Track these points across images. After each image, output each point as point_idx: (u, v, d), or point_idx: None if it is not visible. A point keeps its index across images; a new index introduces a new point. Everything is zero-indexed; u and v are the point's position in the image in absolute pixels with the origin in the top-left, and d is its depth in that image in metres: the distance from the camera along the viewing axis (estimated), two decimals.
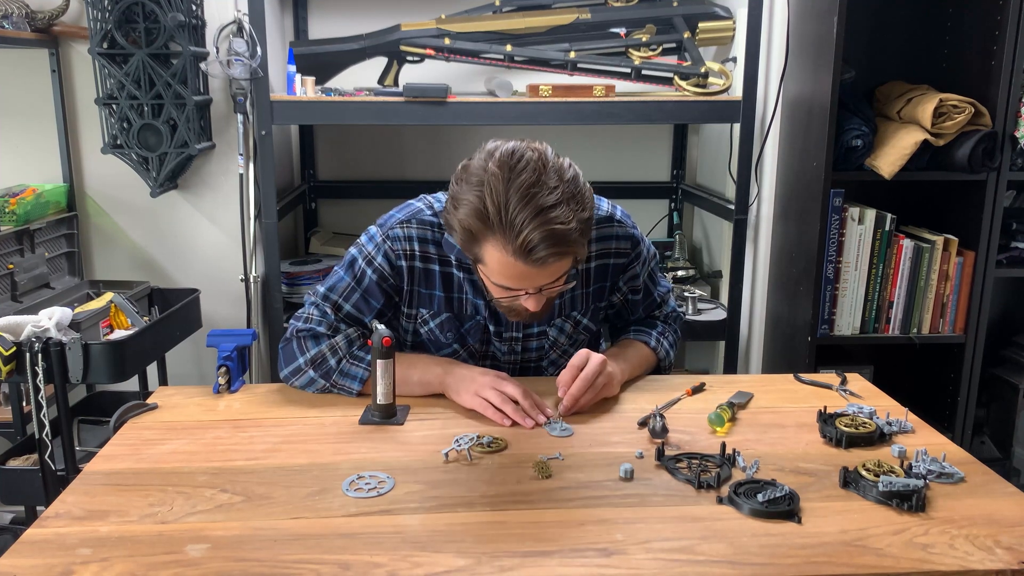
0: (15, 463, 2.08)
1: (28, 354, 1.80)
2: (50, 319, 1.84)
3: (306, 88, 2.24)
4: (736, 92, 2.29)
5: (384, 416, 1.35)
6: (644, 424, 1.33)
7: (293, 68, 2.25)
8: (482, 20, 2.33)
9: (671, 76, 2.34)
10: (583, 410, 1.39)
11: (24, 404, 2.12)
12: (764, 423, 1.36)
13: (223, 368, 1.47)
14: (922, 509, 1.07)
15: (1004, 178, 2.24)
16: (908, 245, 2.30)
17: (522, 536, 1.01)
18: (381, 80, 2.38)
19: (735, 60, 2.38)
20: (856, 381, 1.55)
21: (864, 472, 1.13)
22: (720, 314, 2.49)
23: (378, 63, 2.38)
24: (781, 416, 1.39)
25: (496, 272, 1.29)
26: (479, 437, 1.27)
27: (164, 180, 2.38)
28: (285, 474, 1.17)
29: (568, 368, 1.39)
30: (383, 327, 1.33)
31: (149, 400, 1.44)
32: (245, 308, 2.45)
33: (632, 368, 1.53)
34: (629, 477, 1.16)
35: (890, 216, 2.29)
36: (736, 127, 2.34)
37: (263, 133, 2.19)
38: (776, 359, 2.60)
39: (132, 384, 2.31)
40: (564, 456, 1.23)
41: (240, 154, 2.38)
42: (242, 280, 2.45)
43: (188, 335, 2.28)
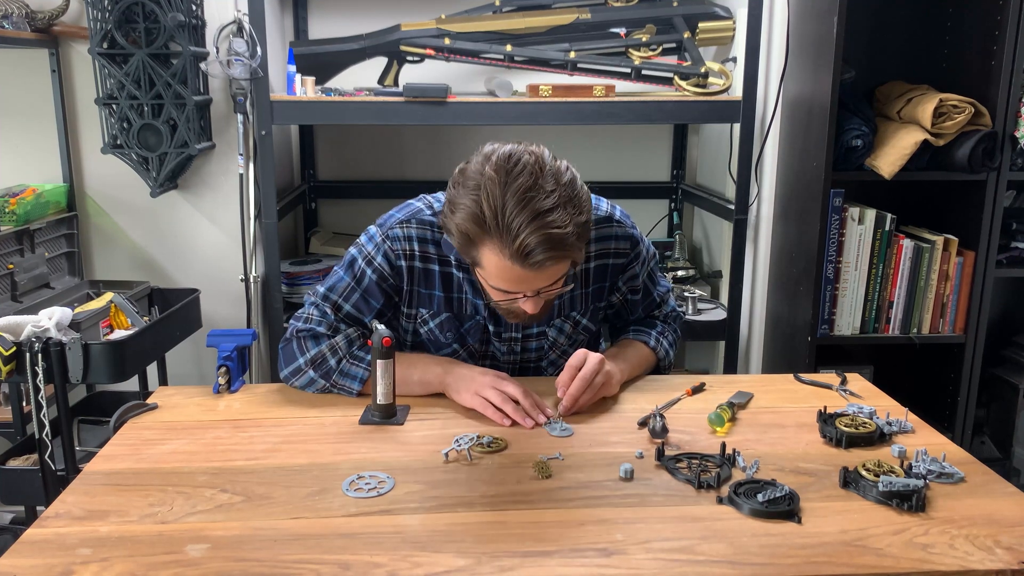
0: (15, 463, 2.08)
1: (28, 354, 1.80)
2: (50, 319, 1.84)
3: (306, 88, 2.24)
4: (736, 92, 2.29)
5: (384, 416, 1.35)
6: (644, 424, 1.33)
7: (293, 68, 2.25)
8: (482, 20, 2.33)
9: (671, 76, 2.34)
10: (582, 410, 1.39)
11: (24, 404, 2.12)
12: (764, 423, 1.36)
13: (223, 368, 1.47)
14: (922, 509, 1.07)
15: (1004, 178, 2.24)
16: (908, 245, 2.30)
17: (522, 536, 1.01)
18: (381, 80, 2.38)
19: (735, 60, 2.38)
20: (856, 381, 1.55)
21: (864, 472, 1.13)
22: (720, 314, 2.49)
23: (378, 63, 2.38)
24: (781, 416, 1.39)
25: (494, 276, 1.30)
26: (479, 437, 1.27)
27: (164, 180, 2.38)
28: (285, 474, 1.17)
29: (566, 368, 1.39)
30: (383, 327, 1.33)
31: (149, 400, 1.44)
32: (245, 308, 2.45)
33: (631, 368, 1.53)
34: (629, 477, 1.16)
35: (890, 216, 2.29)
36: (736, 127, 2.34)
37: (263, 133, 2.19)
38: (776, 359, 2.60)
39: (132, 384, 2.31)
40: (564, 456, 1.23)
41: (240, 154, 2.38)
42: (242, 280, 2.45)
43: (188, 335, 2.28)
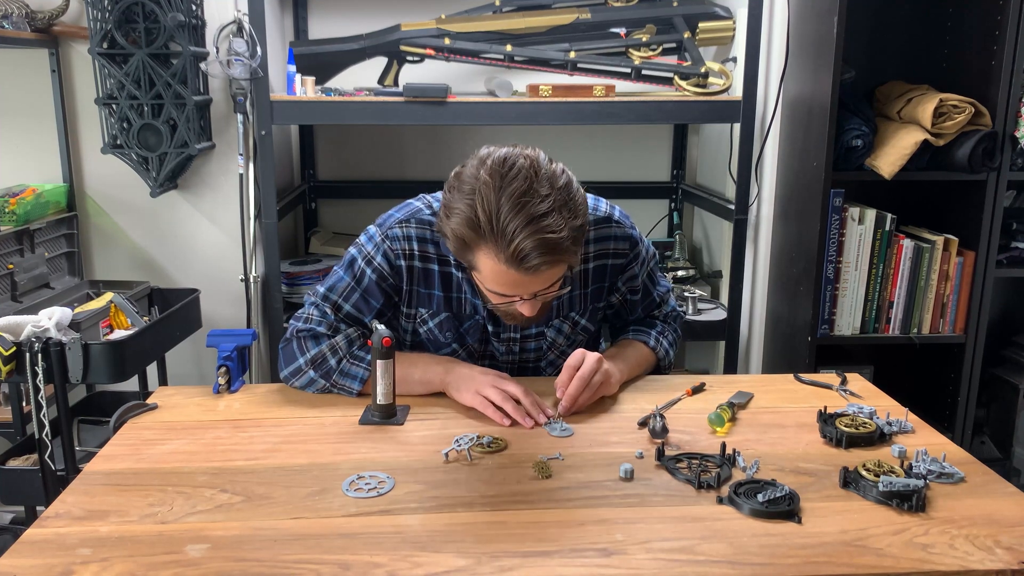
0: (15, 463, 2.08)
1: (28, 354, 1.80)
2: (50, 319, 1.84)
3: (306, 88, 2.24)
4: (736, 92, 2.29)
5: (384, 416, 1.35)
6: (644, 424, 1.33)
7: (293, 68, 2.25)
8: (482, 20, 2.33)
9: (671, 76, 2.34)
10: (582, 409, 1.39)
11: (24, 404, 2.12)
12: (764, 423, 1.36)
13: (223, 368, 1.47)
14: (922, 509, 1.07)
15: (1004, 178, 2.24)
16: (908, 245, 2.30)
17: (522, 536, 1.01)
18: (381, 80, 2.38)
19: (735, 60, 2.38)
20: (856, 381, 1.55)
21: (864, 472, 1.13)
22: (720, 314, 2.49)
23: (378, 63, 2.37)
24: (781, 416, 1.39)
25: (490, 279, 1.30)
26: (479, 437, 1.27)
27: (164, 180, 2.38)
28: (285, 474, 1.17)
29: (564, 369, 1.39)
30: (383, 327, 1.33)
31: (149, 400, 1.44)
32: (245, 308, 2.45)
33: (631, 367, 1.53)
34: (629, 477, 1.16)
35: (890, 216, 2.29)
36: (736, 127, 2.34)
37: (263, 133, 2.19)
38: (776, 359, 2.60)
39: (132, 384, 2.31)
40: (564, 456, 1.23)
41: (240, 154, 2.38)
42: (242, 280, 2.45)
43: (188, 335, 2.28)
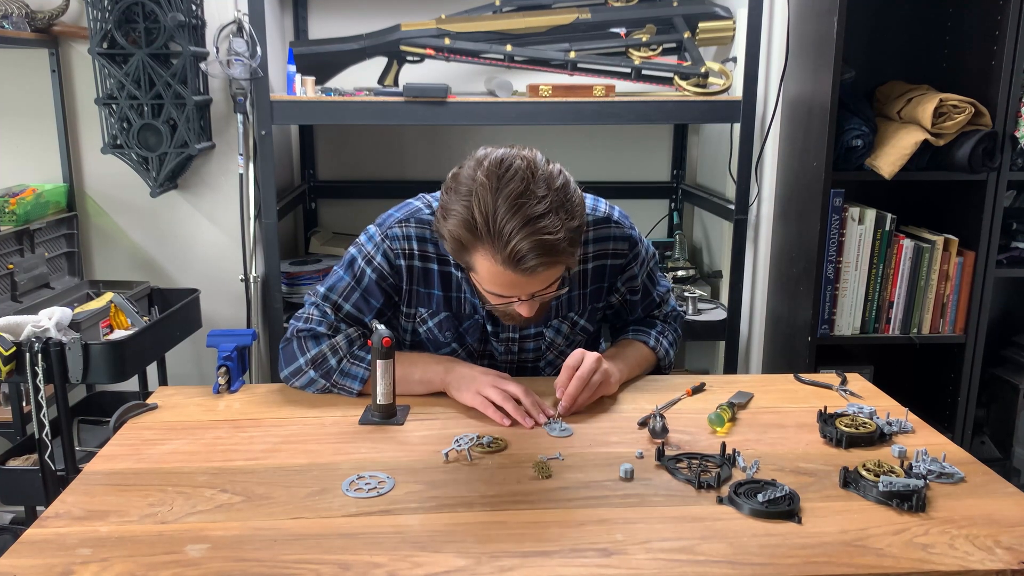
0: (15, 463, 2.08)
1: (28, 354, 1.80)
2: (50, 319, 1.84)
3: (306, 88, 2.24)
4: (736, 92, 2.29)
5: (384, 416, 1.35)
6: (644, 424, 1.33)
7: (293, 68, 2.25)
8: (482, 20, 2.33)
9: (671, 76, 2.34)
10: (581, 409, 1.39)
11: (24, 404, 2.12)
12: (764, 423, 1.36)
13: (223, 368, 1.47)
14: (922, 509, 1.07)
15: (1004, 178, 2.24)
16: (908, 245, 2.30)
17: (522, 536, 1.01)
18: (381, 80, 2.38)
19: (735, 60, 2.38)
20: (856, 381, 1.55)
21: (864, 472, 1.13)
22: (720, 314, 2.49)
23: (378, 63, 2.37)
24: (781, 416, 1.39)
25: (487, 280, 1.30)
26: (479, 437, 1.27)
27: (164, 180, 2.38)
28: (285, 474, 1.17)
29: (564, 369, 1.39)
30: (383, 327, 1.33)
31: (149, 400, 1.44)
32: (245, 308, 2.45)
33: (630, 367, 1.53)
34: (629, 477, 1.16)
35: (890, 216, 2.29)
36: (736, 127, 2.34)
37: (263, 133, 2.19)
38: (776, 359, 2.60)
39: (132, 384, 2.31)
40: (564, 456, 1.23)
41: (240, 154, 2.38)
42: (242, 280, 2.45)
43: (188, 335, 2.28)
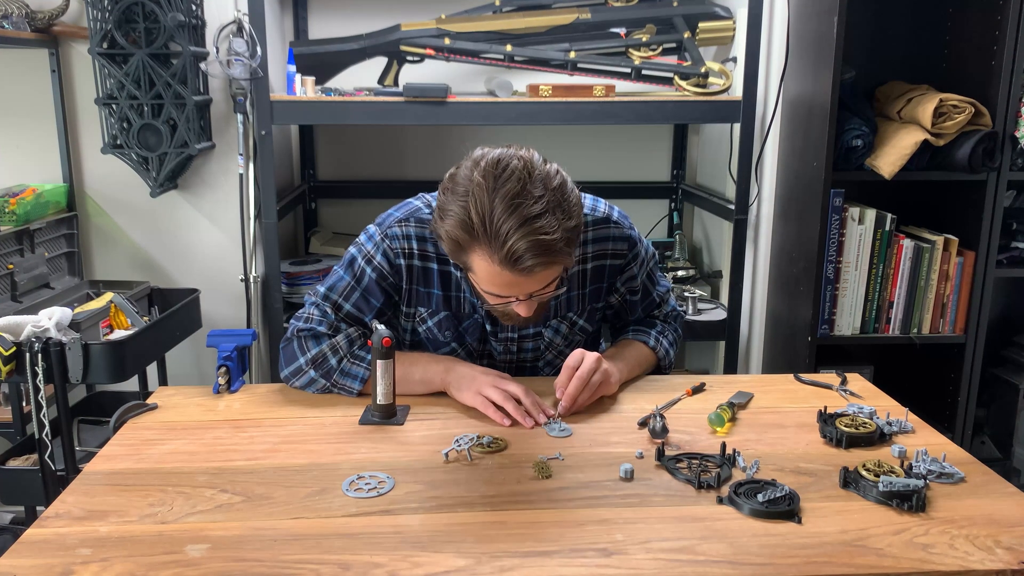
0: (15, 463, 2.08)
1: (28, 354, 1.80)
2: (50, 319, 1.84)
3: (306, 88, 2.24)
4: (736, 92, 2.29)
5: (384, 416, 1.35)
6: (644, 424, 1.33)
7: (293, 68, 2.24)
8: (482, 20, 2.33)
9: (671, 76, 2.34)
10: (581, 409, 1.39)
11: (24, 404, 2.12)
12: (764, 423, 1.36)
13: (223, 368, 1.47)
14: (922, 509, 1.07)
15: (1004, 178, 2.24)
16: (908, 245, 2.30)
17: (522, 536, 1.01)
18: (381, 80, 2.38)
19: (735, 60, 2.38)
20: (856, 381, 1.55)
21: (864, 472, 1.13)
22: (720, 314, 2.49)
23: (378, 63, 2.37)
24: (781, 416, 1.39)
25: (484, 281, 1.30)
26: (479, 437, 1.27)
27: (164, 180, 2.38)
28: (285, 474, 1.17)
29: (563, 369, 1.39)
30: (383, 327, 1.33)
31: (149, 400, 1.44)
32: (245, 308, 2.45)
33: (630, 367, 1.53)
34: (629, 477, 1.16)
35: (890, 216, 2.29)
36: (736, 127, 2.34)
37: (263, 133, 2.19)
38: (776, 359, 2.60)
39: (132, 384, 2.31)
40: (564, 456, 1.23)
41: (240, 154, 2.38)
42: (242, 280, 2.45)
43: (188, 335, 2.28)
